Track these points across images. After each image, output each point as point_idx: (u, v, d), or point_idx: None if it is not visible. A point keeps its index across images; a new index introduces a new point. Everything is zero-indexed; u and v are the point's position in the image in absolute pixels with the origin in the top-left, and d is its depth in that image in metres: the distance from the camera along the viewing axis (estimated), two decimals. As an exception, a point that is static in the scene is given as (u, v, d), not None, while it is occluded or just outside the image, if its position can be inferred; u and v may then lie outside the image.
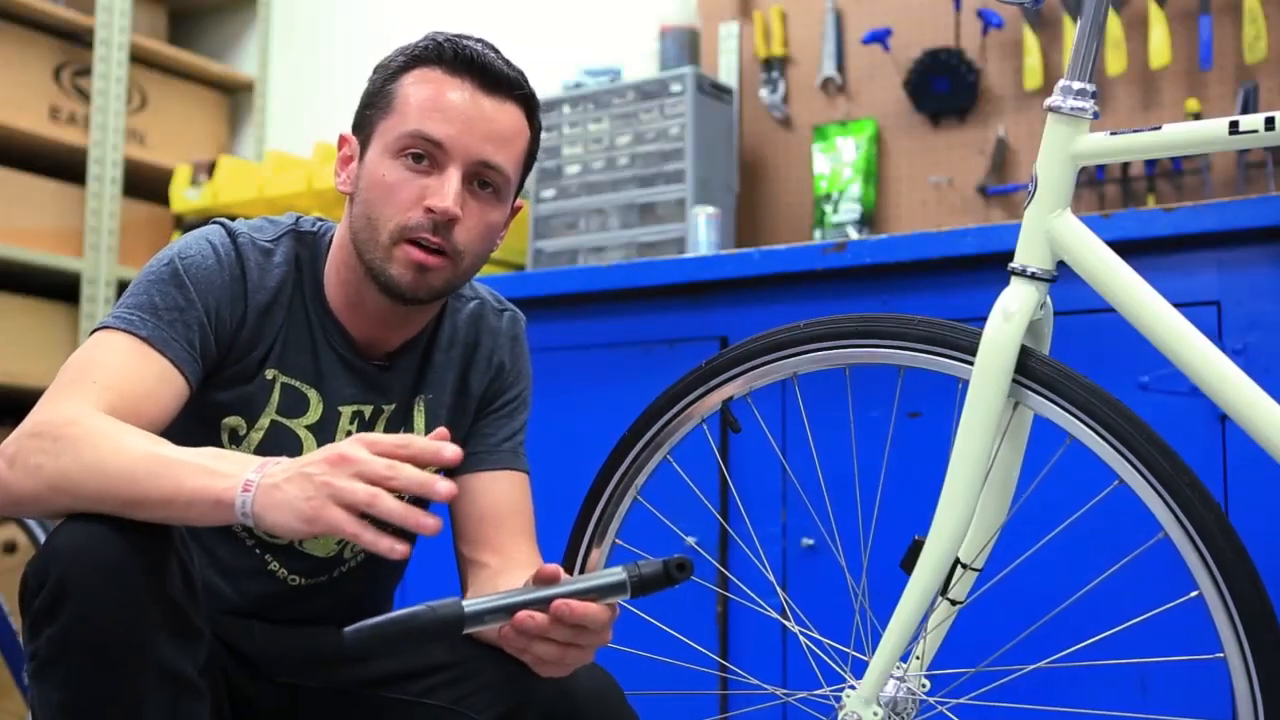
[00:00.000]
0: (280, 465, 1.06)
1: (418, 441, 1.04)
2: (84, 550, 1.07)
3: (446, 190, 1.29)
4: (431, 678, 1.36)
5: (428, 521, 1.01)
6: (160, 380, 1.24)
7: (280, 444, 1.35)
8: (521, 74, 1.36)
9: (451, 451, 1.03)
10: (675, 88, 2.67)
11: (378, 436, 1.05)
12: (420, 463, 1.03)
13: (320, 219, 1.44)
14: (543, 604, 1.07)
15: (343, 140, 1.39)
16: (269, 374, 1.35)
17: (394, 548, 1.01)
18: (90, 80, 3.42)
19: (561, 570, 1.11)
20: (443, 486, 1.02)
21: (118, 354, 1.23)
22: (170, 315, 1.27)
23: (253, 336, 1.34)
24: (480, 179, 1.32)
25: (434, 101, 1.30)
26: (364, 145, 1.35)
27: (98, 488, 1.10)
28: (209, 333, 1.30)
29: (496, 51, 1.35)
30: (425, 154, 1.30)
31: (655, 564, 1.10)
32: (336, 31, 3.73)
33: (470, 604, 1.05)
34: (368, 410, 1.40)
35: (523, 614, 1.06)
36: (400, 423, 1.43)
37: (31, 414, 1.17)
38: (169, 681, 1.09)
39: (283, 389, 1.36)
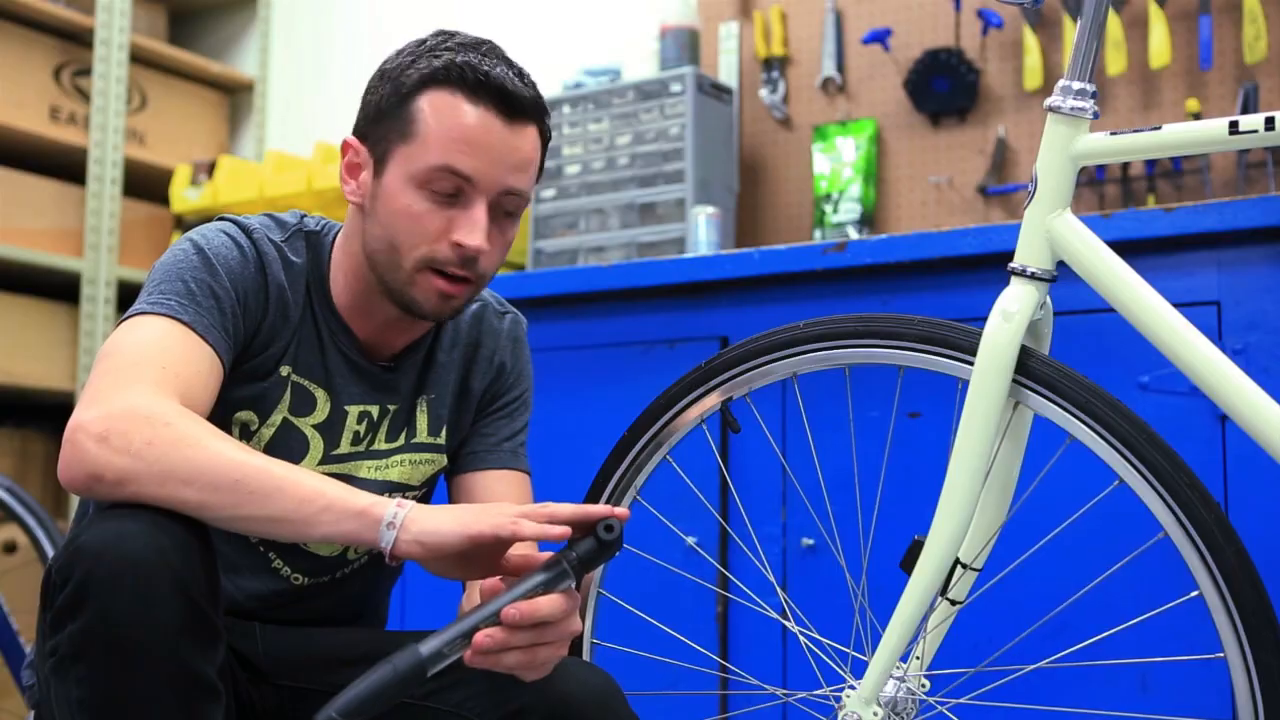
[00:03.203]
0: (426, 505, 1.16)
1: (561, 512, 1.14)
2: (109, 548, 1.07)
3: (476, 226, 1.28)
4: (433, 681, 1.36)
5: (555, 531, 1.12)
6: (208, 365, 1.24)
7: (289, 442, 1.36)
8: (535, 89, 1.33)
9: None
10: (675, 88, 2.67)
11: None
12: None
13: (323, 219, 1.44)
14: (493, 617, 1.08)
15: (347, 146, 1.36)
16: (284, 371, 1.35)
17: (561, 530, 1.11)
18: (90, 80, 3.42)
19: (501, 580, 1.12)
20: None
21: (167, 338, 1.22)
22: (207, 302, 1.26)
23: (272, 330, 1.34)
24: (503, 206, 1.32)
25: (460, 133, 1.27)
26: (379, 162, 1.32)
27: (215, 476, 1.11)
28: (239, 320, 1.30)
29: (509, 63, 1.32)
30: (453, 187, 1.28)
31: (587, 539, 1.12)
32: (336, 31, 3.73)
33: (425, 645, 1.06)
34: (375, 410, 1.41)
35: (480, 636, 1.07)
36: (404, 422, 1.44)
37: (106, 397, 1.15)
38: (188, 682, 1.09)
39: (294, 387, 1.36)
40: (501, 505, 1.16)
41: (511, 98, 1.29)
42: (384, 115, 1.32)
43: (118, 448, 1.11)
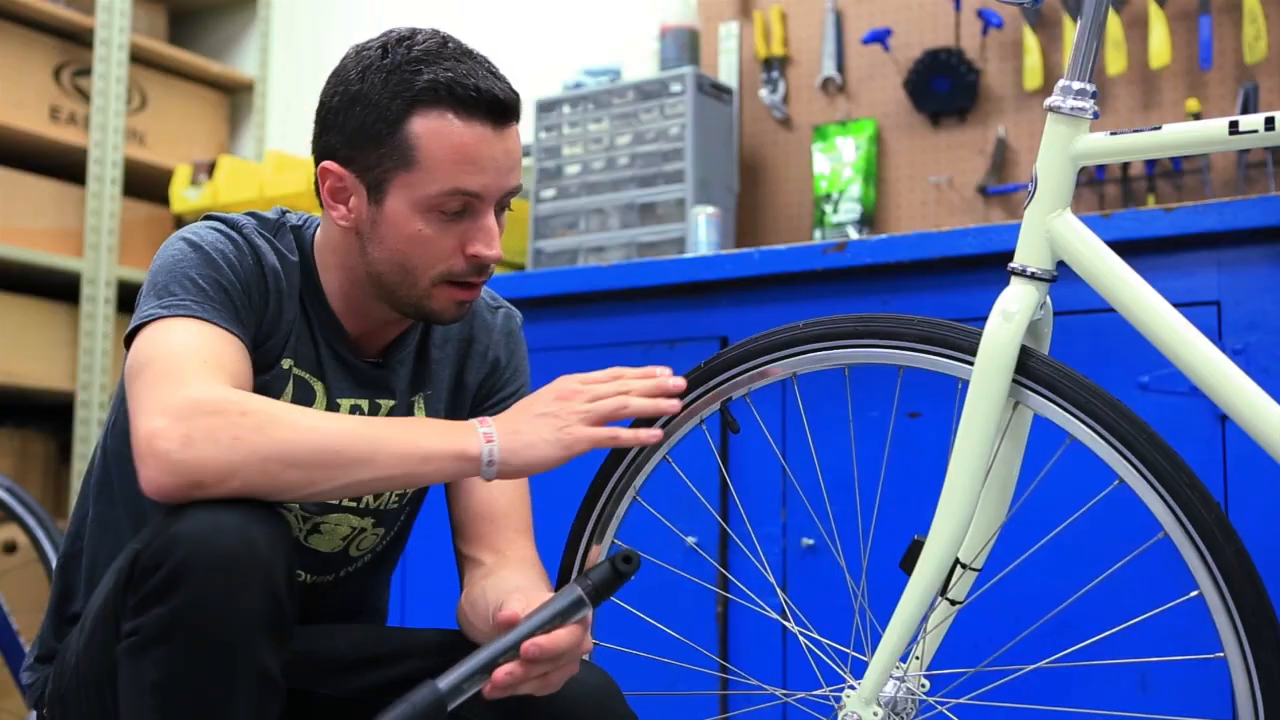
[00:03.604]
0: (501, 420, 1.22)
1: (626, 370, 1.28)
2: (204, 539, 1.08)
3: (491, 237, 1.30)
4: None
5: (667, 404, 1.28)
6: (241, 355, 1.25)
7: None
8: (510, 86, 1.32)
9: (674, 383, 1.30)
10: (675, 88, 2.67)
11: (586, 375, 1.26)
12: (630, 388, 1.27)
13: (304, 214, 1.44)
14: (512, 649, 1.10)
15: (326, 172, 1.32)
16: (285, 364, 1.35)
17: (654, 434, 1.27)
18: (90, 80, 3.42)
19: (519, 611, 1.13)
20: (672, 382, 1.29)
21: (197, 336, 1.22)
22: (219, 296, 1.27)
23: (272, 322, 1.34)
24: (502, 204, 1.34)
25: (462, 154, 1.27)
26: (375, 189, 1.30)
27: (315, 452, 1.13)
28: (248, 311, 1.30)
29: (480, 62, 1.30)
30: (461, 205, 1.29)
31: (603, 566, 1.13)
32: (336, 31, 3.73)
33: (444, 681, 1.08)
34: (364, 405, 1.41)
35: (500, 673, 1.09)
36: None
37: (168, 401, 1.13)
38: (260, 680, 1.11)
39: (295, 380, 1.36)
40: (572, 404, 1.23)
41: (500, 105, 1.29)
42: (371, 142, 1.29)
43: (206, 447, 1.11)
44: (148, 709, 1.09)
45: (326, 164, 1.32)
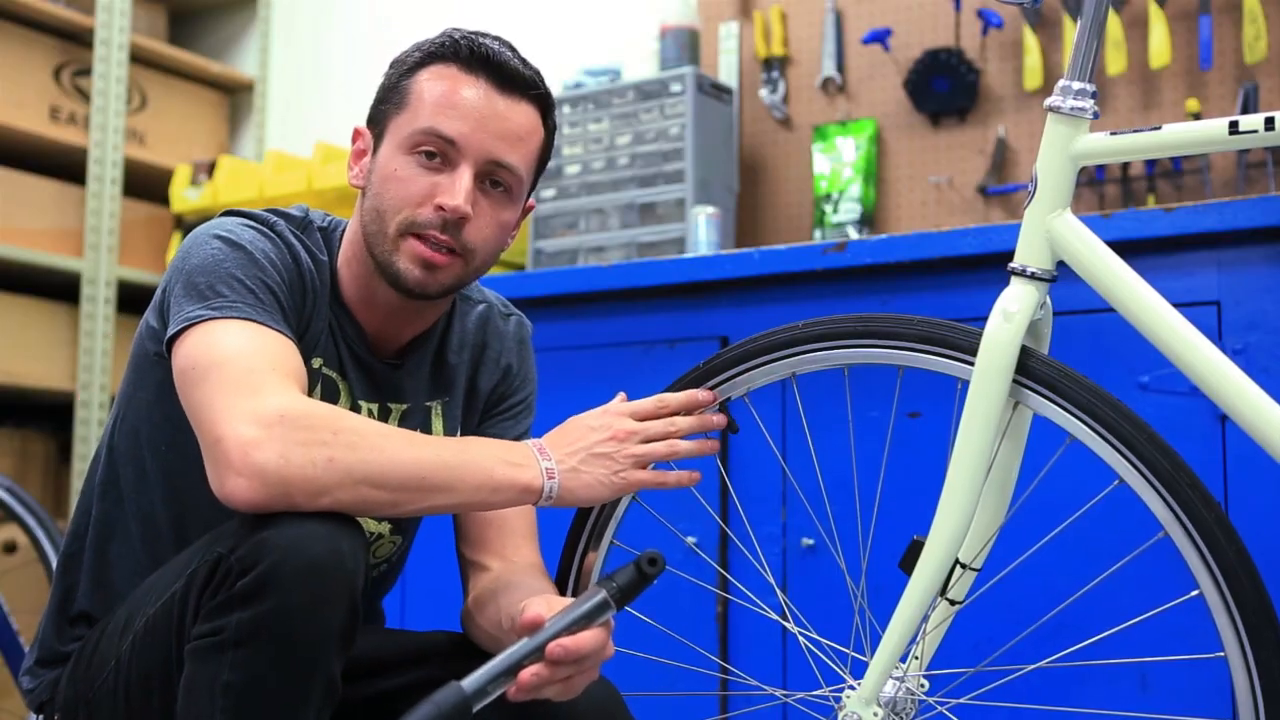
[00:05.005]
0: (561, 449, 1.27)
1: (671, 399, 1.33)
2: (295, 547, 1.08)
3: (457, 189, 1.28)
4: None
5: (710, 446, 1.34)
6: (297, 356, 1.25)
7: None
8: (537, 73, 1.35)
9: (705, 395, 1.34)
10: (675, 88, 2.67)
11: (636, 404, 1.31)
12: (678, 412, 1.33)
13: (328, 215, 1.44)
14: (537, 651, 1.09)
15: (357, 134, 1.39)
16: (316, 362, 1.35)
17: (695, 476, 1.32)
18: (90, 80, 3.42)
19: (543, 613, 1.13)
20: (716, 418, 1.35)
21: (256, 340, 1.21)
22: (267, 297, 1.26)
23: (306, 321, 1.34)
24: (492, 178, 1.32)
25: (448, 99, 1.30)
26: (378, 140, 1.35)
27: (402, 478, 1.15)
28: (292, 311, 1.30)
29: (513, 49, 1.35)
30: (438, 151, 1.29)
31: (628, 569, 1.12)
32: (336, 31, 3.73)
33: (469, 682, 1.07)
34: (375, 409, 1.40)
35: (526, 674, 1.09)
36: (417, 426, 1.43)
37: (253, 411, 1.12)
38: (329, 690, 1.12)
39: (324, 380, 1.36)
40: (627, 447, 1.28)
41: (504, 69, 1.31)
42: (386, 96, 1.35)
43: (304, 465, 1.11)
44: (218, 710, 1.09)
45: (358, 126, 1.39)
